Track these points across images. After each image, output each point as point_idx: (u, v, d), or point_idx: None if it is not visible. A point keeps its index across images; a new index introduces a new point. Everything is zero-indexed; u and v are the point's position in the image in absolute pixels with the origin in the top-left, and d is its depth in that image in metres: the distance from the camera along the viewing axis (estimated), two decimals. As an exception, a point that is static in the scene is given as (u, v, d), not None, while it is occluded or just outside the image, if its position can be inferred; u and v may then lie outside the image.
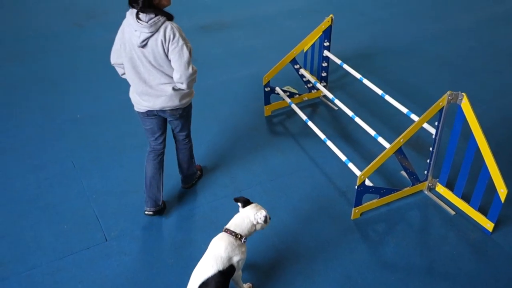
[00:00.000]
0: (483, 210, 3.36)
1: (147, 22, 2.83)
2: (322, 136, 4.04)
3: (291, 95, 4.81)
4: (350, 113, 4.05)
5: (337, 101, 4.24)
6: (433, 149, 3.51)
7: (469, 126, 3.17)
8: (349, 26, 6.90)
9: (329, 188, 3.80)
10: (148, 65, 2.99)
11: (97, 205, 3.68)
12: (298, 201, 3.68)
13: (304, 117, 4.33)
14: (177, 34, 2.91)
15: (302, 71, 4.75)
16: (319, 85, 4.62)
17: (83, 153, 4.28)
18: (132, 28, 2.88)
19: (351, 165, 3.64)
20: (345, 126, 4.56)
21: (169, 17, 2.93)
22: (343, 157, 3.75)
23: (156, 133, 3.36)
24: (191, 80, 3.04)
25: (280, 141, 4.40)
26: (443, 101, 3.23)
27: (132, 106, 3.28)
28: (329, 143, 3.93)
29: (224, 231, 2.76)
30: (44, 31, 6.95)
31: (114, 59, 3.16)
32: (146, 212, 3.52)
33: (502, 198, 3.12)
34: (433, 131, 3.43)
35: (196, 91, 3.62)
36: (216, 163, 4.12)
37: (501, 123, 4.59)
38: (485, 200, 3.33)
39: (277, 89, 4.69)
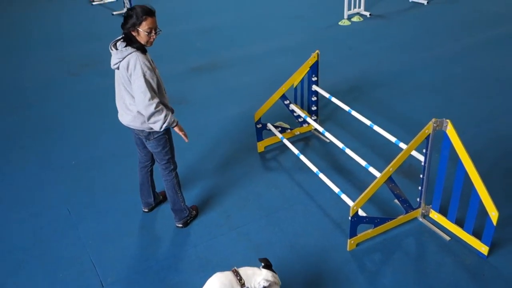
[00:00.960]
0: (477, 234, 3.36)
1: (117, 49, 3.17)
2: (314, 169, 4.09)
3: (283, 130, 4.88)
4: (340, 145, 4.11)
5: (327, 134, 4.30)
6: (423, 176, 3.54)
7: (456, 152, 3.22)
8: (338, 60, 7.07)
9: (324, 220, 3.81)
10: (121, 85, 3.31)
11: (93, 251, 3.68)
12: (293, 235, 3.69)
13: (296, 151, 4.38)
14: (138, 66, 3.11)
15: (292, 106, 4.84)
16: (309, 119, 4.70)
17: (78, 199, 4.31)
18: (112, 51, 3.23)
19: (344, 196, 3.67)
20: (337, 158, 4.61)
21: (142, 50, 3.18)
22: (336, 189, 3.78)
23: (140, 146, 3.71)
24: (151, 111, 3.14)
25: (274, 176, 4.44)
26: (428, 129, 3.30)
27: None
28: (322, 176, 3.97)
29: (232, 270, 2.76)
30: (40, 81, 7.11)
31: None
32: (144, 210, 4.02)
33: (494, 221, 3.13)
34: (422, 158, 3.48)
35: (190, 132, 3.72)
36: (211, 201, 4.14)
37: (491, 145, 4.64)
38: (479, 223, 3.34)
39: (269, 125, 4.77)
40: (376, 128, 3.96)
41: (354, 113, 4.23)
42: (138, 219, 3.99)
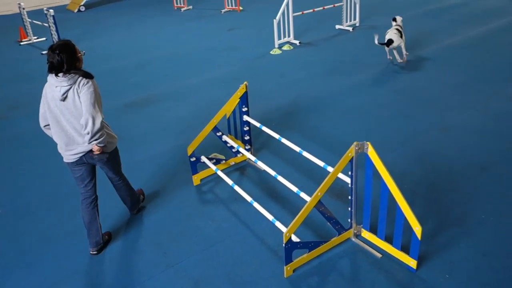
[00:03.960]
0: (406, 249, 3.51)
1: (65, 77, 3.38)
2: (249, 198, 4.14)
3: (218, 162, 4.92)
4: (273, 172, 4.19)
5: (260, 163, 4.38)
6: (351, 197, 3.68)
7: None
8: (271, 88, 7.26)
9: (261, 249, 3.85)
10: (70, 116, 3.48)
11: (23, 303, 3.50)
12: (232, 266, 3.69)
13: (230, 182, 4.42)
14: (89, 83, 3.44)
15: (224, 137, 4.90)
16: (242, 149, 4.77)
17: (5, 251, 4.10)
18: (53, 86, 3.42)
19: (278, 224, 3.74)
20: (272, 185, 4.69)
21: (90, 76, 3.49)
22: (270, 217, 3.85)
23: (85, 180, 3.78)
24: (97, 126, 3.43)
25: (211, 208, 4.44)
26: (351, 152, 3.44)
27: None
28: (256, 205, 4.02)
29: None
30: (-36, 127, 6.79)
31: (42, 122, 3.61)
32: (91, 253, 3.91)
33: (419, 235, 3.29)
34: (349, 180, 3.61)
35: (126, 168, 3.77)
36: (147, 239, 4.07)
37: (416, 162, 4.89)
38: (407, 239, 3.49)
39: (203, 158, 4.79)
40: (305, 154, 4.09)
41: (284, 140, 4.35)
42: (74, 264, 3.85)
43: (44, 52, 10.29)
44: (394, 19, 7.88)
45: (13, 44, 11.50)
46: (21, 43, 11.39)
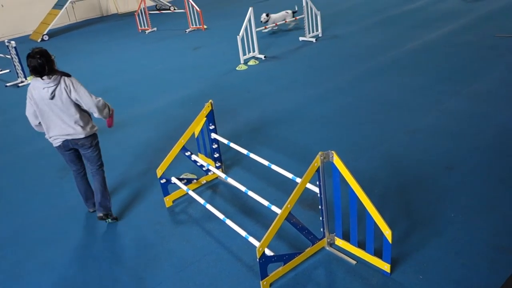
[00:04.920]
0: (379, 254, 3.55)
1: (49, 79, 4.01)
2: (221, 216, 4.13)
3: (189, 182, 4.90)
4: (243, 188, 4.20)
5: (230, 180, 4.39)
6: (321, 206, 3.71)
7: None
8: (238, 104, 7.29)
9: (236, 266, 3.83)
10: (59, 111, 4.12)
11: None
12: (208, 286, 3.66)
13: (202, 201, 4.41)
14: (74, 83, 4.10)
15: (194, 156, 4.89)
16: (212, 167, 4.77)
17: (-24, 290, 3.98)
18: (40, 88, 4.03)
19: (251, 239, 3.73)
20: (245, 201, 4.69)
21: (67, 75, 4.12)
22: (243, 233, 3.84)
23: (74, 161, 4.50)
24: (101, 105, 4.22)
25: (185, 229, 4.41)
26: (317, 162, 3.48)
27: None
28: (229, 222, 4.01)
29: None
30: None
31: (34, 121, 4.27)
32: (90, 210, 4.82)
33: (389, 239, 3.33)
34: (317, 190, 3.65)
35: None
36: (121, 266, 4.01)
37: (384, 166, 4.97)
38: (379, 243, 3.54)
39: (173, 179, 4.77)
40: (274, 167, 4.11)
41: (252, 155, 4.37)
42: (44, 300, 3.77)
43: (8, 84, 10.13)
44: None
45: (-25, 77, 11.28)
46: (-17, 76, 11.18)
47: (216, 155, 5.07)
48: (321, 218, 3.78)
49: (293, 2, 12.01)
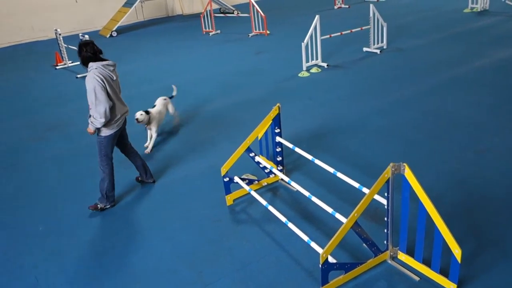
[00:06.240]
0: (444, 272, 3.46)
1: (110, 61, 4.67)
2: (283, 219, 4.15)
3: (250, 182, 4.97)
4: (306, 193, 4.21)
5: (293, 183, 4.41)
6: (387, 218, 3.66)
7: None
8: (300, 110, 7.31)
9: (296, 270, 3.84)
10: (118, 90, 4.81)
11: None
12: (267, 287, 3.69)
13: (264, 202, 4.45)
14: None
15: (257, 158, 4.96)
16: (275, 170, 4.82)
17: (48, 267, 4.20)
18: (107, 69, 4.55)
19: (313, 244, 3.73)
20: (305, 206, 4.70)
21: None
22: (305, 237, 3.85)
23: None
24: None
25: (244, 229, 4.47)
26: (388, 173, 3.45)
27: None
28: (291, 225, 4.03)
29: None
30: (4, 148, 7.03)
31: (108, 104, 4.55)
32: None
33: (458, 258, 3.24)
34: (385, 201, 3.61)
35: (157, 189, 3.75)
36: (181, 259, 4.12)
37: (452, 184, 4.83)
38: (446, 262, 3.45)
39: (236, 178, 4.85)
40: (339, 174, 4.10)
41: (317, 161, 4.37)
42: (116, 275, 3.92)
43: (79, 76, 10.63)
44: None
45: (49, 68, 11.92)
46: (57, 67, 11.79)
47: (279, 158, 5.12)
48: (385, 231, 3.73)
49: (360, 14, 11.90)
